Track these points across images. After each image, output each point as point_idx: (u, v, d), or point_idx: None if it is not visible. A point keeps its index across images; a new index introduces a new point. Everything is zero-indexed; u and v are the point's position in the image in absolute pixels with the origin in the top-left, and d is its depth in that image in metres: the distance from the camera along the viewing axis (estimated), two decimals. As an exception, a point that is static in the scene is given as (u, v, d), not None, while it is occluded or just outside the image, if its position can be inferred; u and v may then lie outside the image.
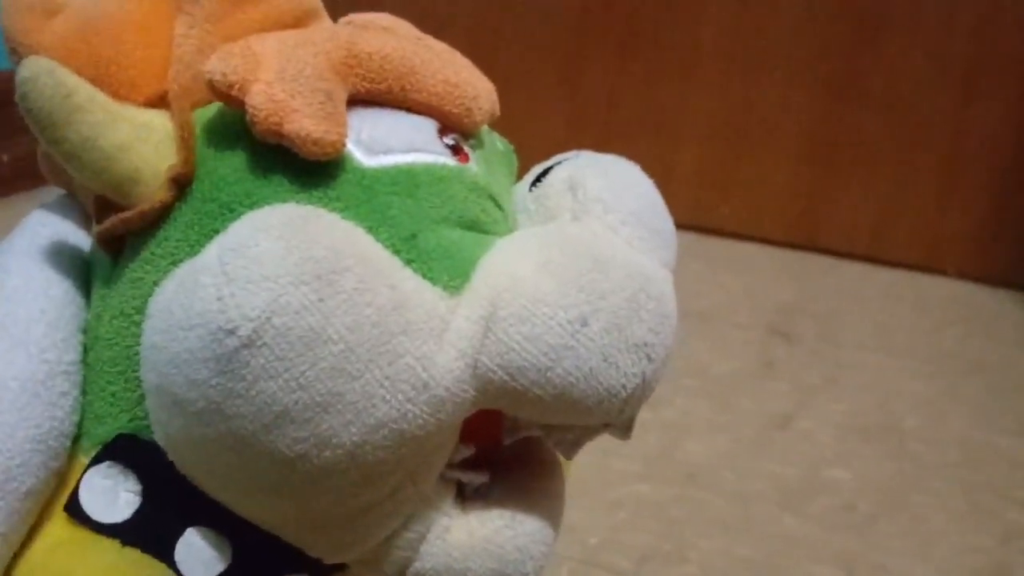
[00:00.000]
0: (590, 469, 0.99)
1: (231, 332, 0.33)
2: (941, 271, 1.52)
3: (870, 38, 1.48)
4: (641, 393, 0.39)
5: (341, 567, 0.41)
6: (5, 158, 1.42)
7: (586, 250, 0.38)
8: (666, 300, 0.40)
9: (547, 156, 1.40)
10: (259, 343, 0.33)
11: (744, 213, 1.58)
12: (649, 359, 0.39)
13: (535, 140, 1.64)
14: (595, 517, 0.93)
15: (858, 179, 1.53)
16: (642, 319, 0.38)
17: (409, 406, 0.35)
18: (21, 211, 0.45)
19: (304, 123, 0.36)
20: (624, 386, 0.38)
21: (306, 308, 0.33)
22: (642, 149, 1.61)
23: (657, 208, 0.43)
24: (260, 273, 0.33)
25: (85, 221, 0.44)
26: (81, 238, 0.43)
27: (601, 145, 1.66)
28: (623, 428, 0.42)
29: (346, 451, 0.35)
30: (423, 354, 0.35)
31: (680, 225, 1.14)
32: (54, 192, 0.47)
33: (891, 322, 1.39)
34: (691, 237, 1.56)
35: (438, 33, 1.59)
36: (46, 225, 0.43)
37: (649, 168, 1.56)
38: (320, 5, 0.44)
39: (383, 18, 0.44)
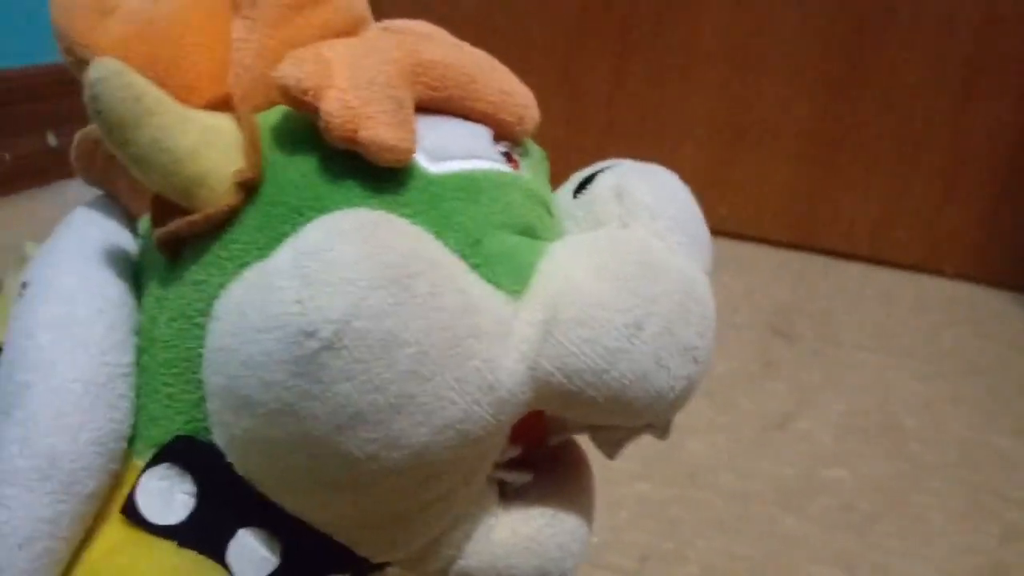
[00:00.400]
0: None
1: (311, 335, 0.33)
2: (940, 271, 1.53)
3: (870, 38, 1.48)
4: (687, 394, 0.40)
5: (382, 566, 0.42)
6: (7, 157, 1.42)
7: (637, 255, 0.39)
8: (709, 304, 0.41)
9: (550, 154, 1.40)
10: (339, 346, 0.33)
11: (744, 213, 1.58)
12: (696, 361, 0.40)
13: (535, 139, 1.64)
14: (596, 517, 0.93)
15: (858, 179, 1.53)
16: (690, 323, 0.39)
17: (475, 407, 0.36)
18: (24, 209, 0.45)
19: (379, 130, 0.37)
20: (673, 388, 0.39)
21: (384, 312, 0.34)
22: (641, 148, 1.61)
23: (696, 215, 0.44)
24: (339, 276, 0.34)
25: (127, 221, 0.44)
26: (126, 238, 0.43)
27: (600, 145, 1.68)
28: (663, 428, 0.43)
29: (413, 451, 0.35)
30: (490, 357, 0.36)
31: None
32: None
33: (890, 322, 1.39)
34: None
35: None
36: (93, 225, 0.43)
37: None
38: (369, 13, 0.44)
39: (421, 25, 0.44)
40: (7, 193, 1.41)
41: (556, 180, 0.47)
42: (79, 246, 0.42)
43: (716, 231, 1.59)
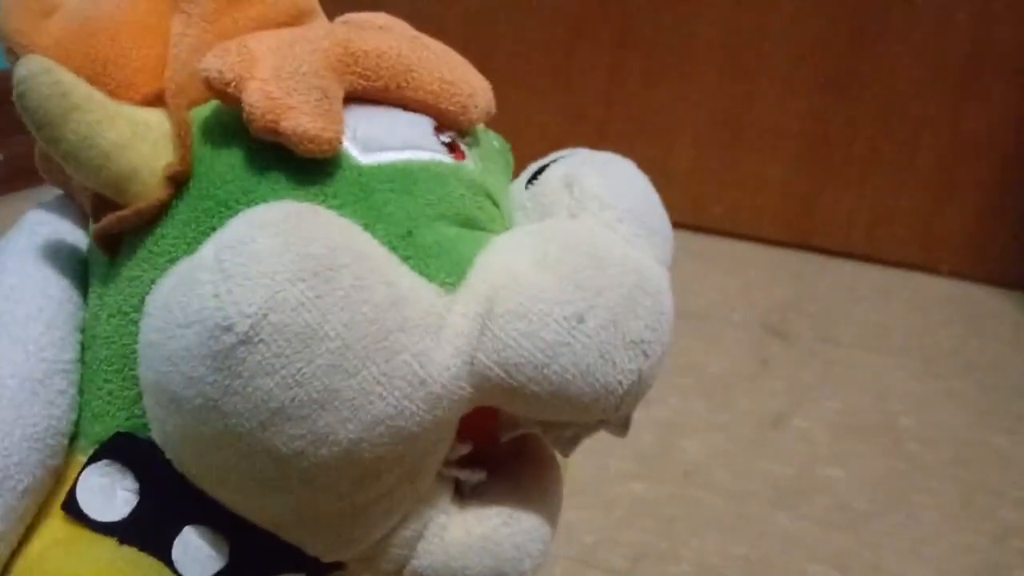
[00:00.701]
0: (586, 468, 0.99)
1: (228, 329, 0.33)
2: (936, 270, 1.53)
3: (865, 38, 1.48)
4: (638, 390, 0.39)
5: (339, 565, 0.41)
6: (2, 157, 1.42)
7: (583, 247, 0.38)
8: (662, 297, 0.40)
9: (543, 154, 1.40)
10: (256, 340, 0.33)
11: (740, 212, 1.58)
12: (645, 355, 0.39)
13: (531, 138, 1.64)
14: (590, 516, 0.93)
15: (853, 178, 1.53)
16: (639, 316, 0.38)
17: (406, 403, 0.35)
18: (19, 209, 0.45)
19: (301, 120, 0.36)
20: (620, 383, 0.38)
21: (303, 305, 0.33)
22: (638, 147, 1.61)
23: (653, 205, 0.43)
24: (257, 270, 0.33)
25: (83, 220, 0.44)
26: (79, 237, 0.43)
27: (597, 143, 1.66)
28: (620, 425, 0.42)
29: (343, 448, 0.35)
30: (420, 351, 0.35)
31: (676, 223, 1.15)
32: (52, 191, 0.47)
33: (886, 321, 1.39)
34: (687, 235, 1.56)
35: (434, 32, 1.59)
36: (43, 224, 0.43)
37: (645, 166, 1.55)
38: (316, 5, 0.44)
39: (379, 17, 0.44)
40: (3, 192, 1.41)
41: None
42: (25, 246, 0.42)
43: (712, 230, 1.59)
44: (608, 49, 1.60)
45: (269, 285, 0.33)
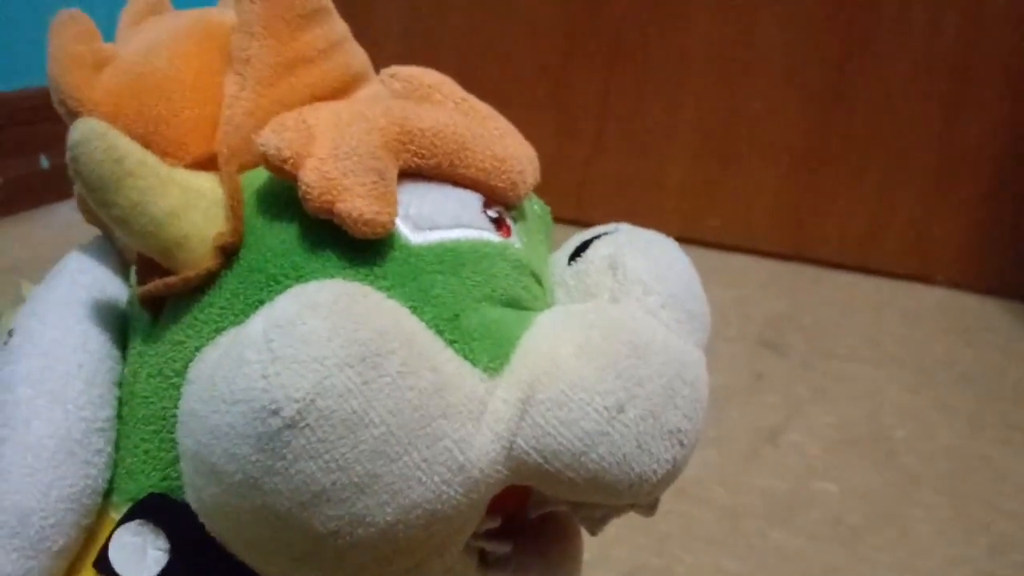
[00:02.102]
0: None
1: (275, 412, 0.33)
2: (930, 280, 1.53)
3: (857, 48, 1.49)
4: (671, 477, 0.40)
5: None
6: (1, 180, 1.43)
7: (625, 335, 0.38)
8: (700, 385, 0.40)
9: (540, 167, 1.39)
10: (302, 424, 0.33)
11: (733, 224, 1.58)
12: (681, 444, 0.39)
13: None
14: (584, 533, 0.93)
15: (846, 189, 1.54)
16: (677, 406, 0.39)
17: (444, 488, 0.35)
18: (17, 232, 0.46)
19: (356, 203, 0.36)
20: (655, 472, 0.39)
21: (350, 391, 0.33)
22: (631, 161, 1.62)
23: (694, 290, 0.43)
24: (307, 354, 0.33)
25: (122, 267, 0.44)
26: (119, 286, 0.43)
27: (591, 159, 1.69)
28: (649, 506, 0.43)
29: (379, 530, 0.35)
30: (461, 437, 0.35)
31: (670, 237, 1.15)
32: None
33: (881, 333, 1.39)
34: (685, 249, 1.57)
35: (428, 47, 1.62)
36: (84, 272, 0.43)
37: (638, 180, 1.57)
38: (369, 66, 0.43)
39: (427, 74, 0.44)
40: (2, 215, 1.42)
41: (545, 192, 0.47)
42: (66, 295, 0.42)
43: (706, 242, 1.60)
44: (600, 65, 1.60)
45: (318, 370, 0.33)
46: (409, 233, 0.39)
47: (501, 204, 0.42)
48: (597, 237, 0.44)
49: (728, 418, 1.14)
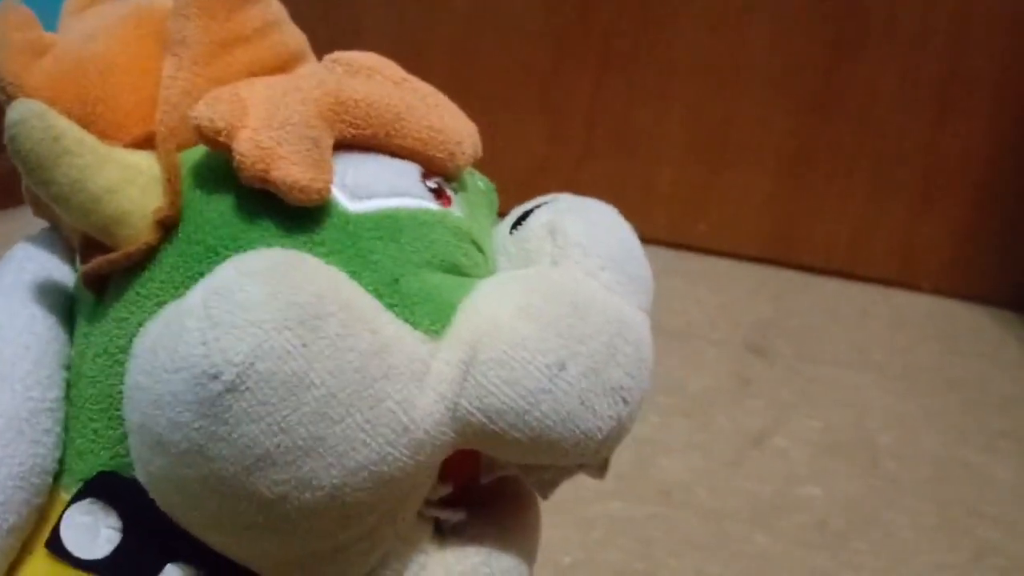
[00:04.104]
0: (564, 487, 0.99)
1: (215, 377, 0.34)
2: (916, 287, 1.54)
3: (845, 55, 1.49)
4: (617, 435, 0.40)
5: None
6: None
7: (565, 295, 0.39)
8: (643, 344, 0.41)
9: (528, 175, 1.41)
10: (242, 388, 0.34)
11: (721, 229, 1.59)
12: (625, 402, 0.40)
13: (515, 158, 1.64)
14: (569, 535, 0.93)
15: (834, 195, 1.54)
16: (619, 363, 0.39)
17: (389, 449, 0.36)
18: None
19: (291, 170, 0.37)
20: (600, 429, 0.39)
21: (289, 353, 0.34)
22: (620, 166, 1.62)
23: (635, 253, 0.43)
24: (244, 318, 0.34)
25: (70, 255, 0.44)
26: (66, 273, 0.44)
27: (581, 163, 1.69)
28: (598, 468, 0.43)
29: (326, 493, 0.35)
30: (403, 398, 0.36)
31: (658, 241, 1.16)
32: (27, 214, 0.47)
33: (867, 338, 1.40)
34: (669, 254, 1.57)
35: (418, 53, 1.62)
36: (31, 260, 0.43)
37: (627, 185, 1.57)
38: (307, 47, 0.44)
39: (368, 57, 0.44)
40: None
41: (535, 196, 0.47)
42: (13, 281, 0.42)
43: (694, 247, 1.60)
44: (590, 69, 1.61)
45: (256, 334, 0.34)
46: (347, 201, 0.39)
47: (440, 175, 0.43)
48: (538, 206, 0.44)
49: (713, 422, 1.15)
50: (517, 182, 1.73)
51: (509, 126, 1.65)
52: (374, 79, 0.42)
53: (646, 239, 1.51)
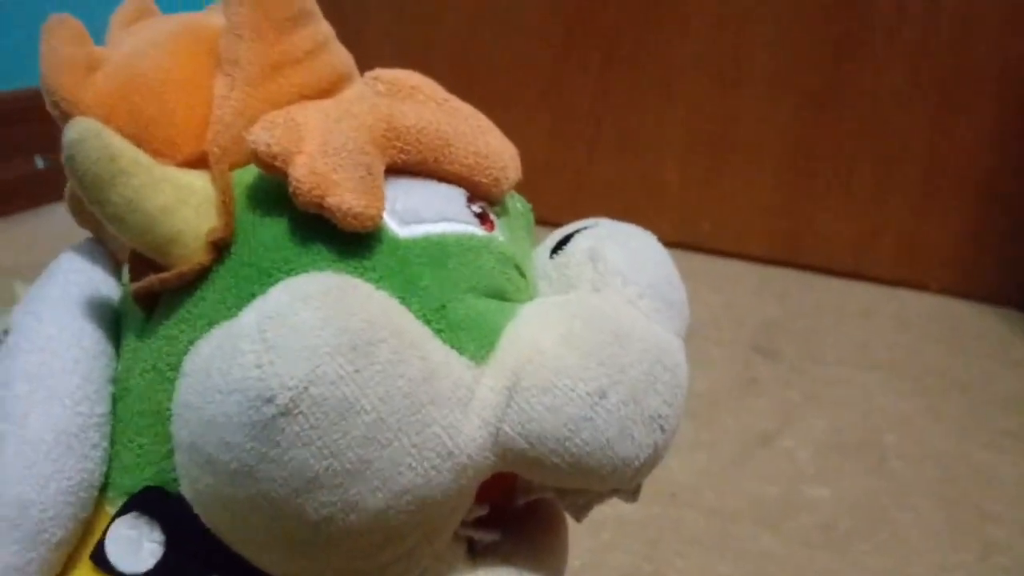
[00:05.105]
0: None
1: (269, 400, 0.34)
2: (923, 287, 1.54)
3: (848, 54, 1.49)
4: (652, 462, 0.41)
5: None
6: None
7: (607, 323, 0.40)
8: (679, 371, 0.42)
9: (531, 173, 1.41)
10: (295, 412, 0.34)
11: (726, 229, 1.59)
12: (662, 430, 0.41)
13: (520, 157, 1.65)
14: (577, 538, 0.93)
15: (839, 195, 1.54)
16: (658, 391, 0.40)
17: (434, 473, 0.36)
18: (12, 233, 0.46)
19: (345, 197, 0.37)
20: (637, 456, 0.40)
21: (342, 379, 0.34)
22: (625, 165, 1.62)
23: (672, 280, 0.44)
24: (299, 343, 0.34)
25: (114, 267, 0.45)
26: (111, 286, 0.44)
27: (585, 162, 1.69)
28: (632, 492, 0.44)
29: (371, 515, 0.36)
30: (450, 423, 0.37)
31: (664, 241, 1.16)
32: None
33: (873, 338, 1.40)
34: (675, 253, 1.57)
35: (422, 52, 1.61)
36: (77, 272, 0.44)
37: (631, 184, 1.57)
38: (354, 67, 0.45)
39: (410, 76, 0.45)
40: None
41: (539, 196, 0.47)
42: (61, 294, 0.42)
43: (698, 247, 1.60)
44: (594, 68, 1.61)
45: (310, 359, 0.34)
46: (396, 227, 0.40)
47: (484, 199, 0.44)
48: (578, 231, 0.45)
49: (720, 422, 1.15)
50: (520, 183, 1.74)
51: (513, 125, 1.65)
52: (421, 103, 0.43)
53: None
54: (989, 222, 1.50)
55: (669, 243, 1.61)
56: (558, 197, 1.65)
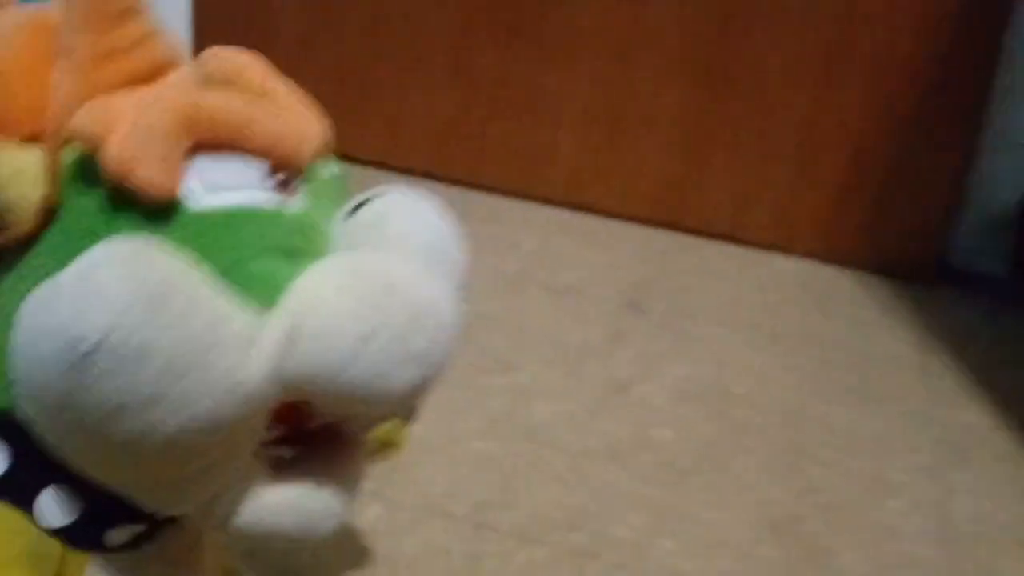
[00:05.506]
0: (437, 428, 1.09)
1: (79, 342, 0.42)
2: (792, 251, 1.64)
3: (735, 32, 1.58)
4: (418, 393, 0.49)
5: (174, 519, 0.52)
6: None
7: (379, 276, 0.48)
8: (445, 316, 0.49)
9: (436, 136, 1.52)
10: (101, 351, 0.42)
11: (616, 193, 1.68)
12: (425, 366, 0.48)
13: (425, 120, 1.73)
14: (438, 471, 1.03)
15: (721, 164, 1.64)
16: (421, 334, 0.48)
17: (221, 402, 0.45)
18: None
19: (147, 172, 0.45)
20: (403, 388, 0.48)
21: (140, 326, 0.42)
22: (524, 130, 1.70)
23: (447, 241, 0.52)
24: (105, 295, 0.42)
25: None
26: None
27: (487, 127, 1.78)
28: (406, 417, 0.54)
29: (171, 437, 0.44)
30: (234, 362, 0.45)
31: (556, 202, 1.29)
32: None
33: (739, 298, 1.50)
34: (566, 215, 1.66)
35: (331, 20, 1.70)
36: None
37: (530, 148, 1.68)
38: (179, 56, 0.52)
39: (240, 56, 0.52)
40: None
41: (443, 157, 0.55)
42: None
43: (588, 209, 1.67)
44: (499, 38, 1.68)
45: (114, 309, 0.42)
46: (198, 197, 0.48)
47: (288, 168, 0.51)
48: (369, 199, 0.53)
49: (585, 371, 1.24)
50: (427, 143, 1.81)
51: (419, 89, 1.73)
52: (240, 80, 0.50)
53: (547, 199, 1.63)
54: (855, 194, 1.61)
55: (562, 204, 1.73)
56: (461, 158, 1.73)
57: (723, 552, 0.98)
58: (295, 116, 0.51)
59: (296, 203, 0.51)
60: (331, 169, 0.55)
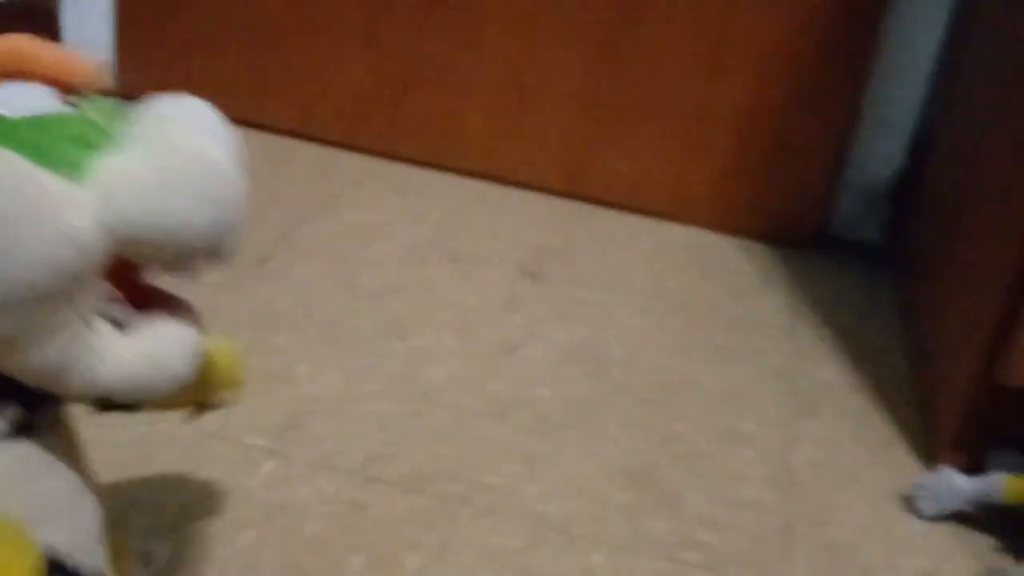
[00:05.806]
0: (335, 389, 1.18)
1: None
2: (685, 220, 1.76)
3: (634, 11, 1.69)
4: (218, 232, 0.59)
5: (53, 399, 0.61)
6: None
7: (170, 145, 0.58)
8: (225, 168, 0.60)
9: (350, 105, 1.65)
10: None
11: (523, 164, 1.78)
12: (218, 209, 0.59)
13: (340, 90, 1.81)
14: (333, 429, 1.11)
15: (621, 137, 1.75)
16: (209, 182, 0.59)
17: (60, 251, 0.53)
18: None
19: None
20: (202, 227, 0.58)
21: None
22: (437, 102, 1.80)
23: (218, 125, 0.63)
24: None
25: None
26: None
27: (400, 96, 1.90)
28: (223, 257, 0.62)
29: (23, 283, 0.52)
30: (65, 221, 0.53)
31: (468, 173, 1.44)
32: None
33: (628, 265, 1.58)
34: (477, 185, 1.76)
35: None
36: None
37: (442, 120, 1.84)
38: None
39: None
40: None
41: (358, 126, 0.65)
42: None
43: (500, 179, 1.80)
44: (415, 10, 1.77)
45: None
46: (8, 112, 0.58)
47: (74, 95, 0.62)
48: (152, 104, 0.63)
49: (477, 335, 1.32)
50: (341, 112, 1.89)
51: (335, 58, 1.82)
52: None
53: (458, 170, 1.76)
54: (743, 167, 1.72)
55: (473, 174, 1.87)
56: (376, 127, 1.82)
57: (583, 496, 1.07)
58: (74, 55, 0.63)
59: (86, 112, 0.61)
60: (111, 102, 0.66)
